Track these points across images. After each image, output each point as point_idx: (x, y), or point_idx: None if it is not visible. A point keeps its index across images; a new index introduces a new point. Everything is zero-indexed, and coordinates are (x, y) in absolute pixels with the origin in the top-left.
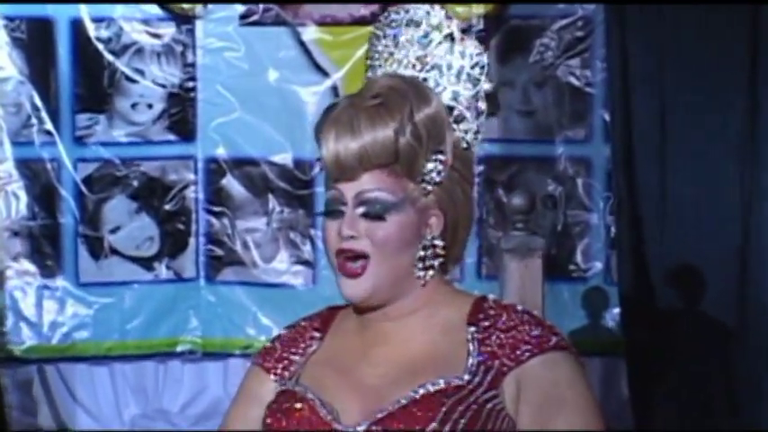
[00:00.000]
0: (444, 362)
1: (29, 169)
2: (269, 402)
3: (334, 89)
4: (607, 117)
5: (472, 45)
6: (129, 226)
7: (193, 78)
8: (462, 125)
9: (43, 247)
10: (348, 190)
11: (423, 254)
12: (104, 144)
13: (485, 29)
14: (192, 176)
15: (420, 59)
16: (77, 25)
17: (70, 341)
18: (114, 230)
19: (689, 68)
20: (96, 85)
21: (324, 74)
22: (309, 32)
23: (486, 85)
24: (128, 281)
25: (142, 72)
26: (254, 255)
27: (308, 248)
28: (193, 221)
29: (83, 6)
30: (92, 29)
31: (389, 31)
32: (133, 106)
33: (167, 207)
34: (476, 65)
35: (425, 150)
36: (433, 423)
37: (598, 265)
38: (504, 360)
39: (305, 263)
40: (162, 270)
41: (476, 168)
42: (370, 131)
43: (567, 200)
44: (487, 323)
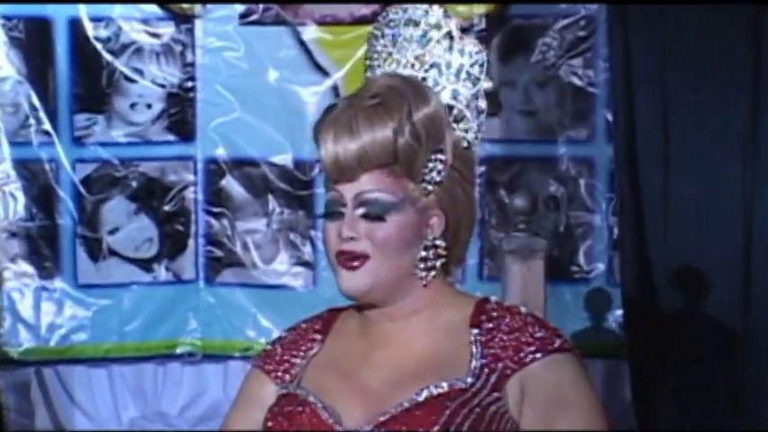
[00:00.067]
0: (447, 364)
1: (27, 170)
2: (270, 405)
3: (334, 89)
4: (610, 117)
5: (471, 43)
6: (128, 227)
7: (193, 78)
8: (462, 124)
9: (41, 248)
10: (347, 191)
11: (424, 254)
12: (103, 144)
13: (486, 28)
14: (192, 177)
15: (419, 58)
16: (76, 25)
17: (68, 343)
18: (113, 231)
19: (692, 68)
20: (95, 85)
21: (324, 74)
22: (310, 32)
23: (486, 84)
24: (126, 282)
25: (141, 72)
26: (253, 256)
27: (308, 250)
28: (193, 222)
29: (81, 6)
30: (90, 28)
31: (388, 31)
32: (132, 106)
33: (166, 208)
34: (475, 63)
35: (425, 150)
36: (437, 426)
37: (601, 267)
38: (508, 362)
39: (305, 264)
40: (161, 271)
41: (477, 169)
42: (369, 132)
43: (570, 201)
44: (490, 325)
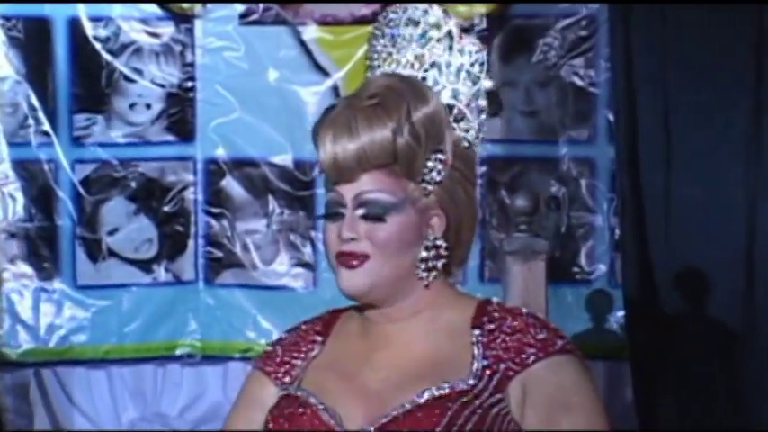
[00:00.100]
0: (448, 366)
1: (26, 170)
2: (271, 407)
3: (334, 89)
4: (611, 117)
5: (471, 42)
6: (128, 228)
7: (192, 78)
8: (463, 124)
9: (40, 249)
10: (347, 192)
11: (425, 255)
12: (102, 145)
13: (487, 28)
14: (191, 177)
15: (418, 58)
16: (75, 24)
17: (67, 344)
18: (112, 232)
19: (693, 68)
20: (94, 85)
21: (324, 74)
22: (310, 32)
23: (486, 83)
24: (126, 283)
25: (140, 72)
26: (253, 257)
27: (308, 251)
28: (192, 223)
29: (80, 5)
30: (89, 28)
31: (388, 31)
32: (131, 106)
33: (166, 209)
34: (475, 62)
35: (424, 150)
36: (438, 428)
37: (602, 268)
38: (510, 364)
39: (305, 265)
40: (160, 272)
41: (478, 169)
42: (368, 132)
43: (571, 201)
44: (492, 326)
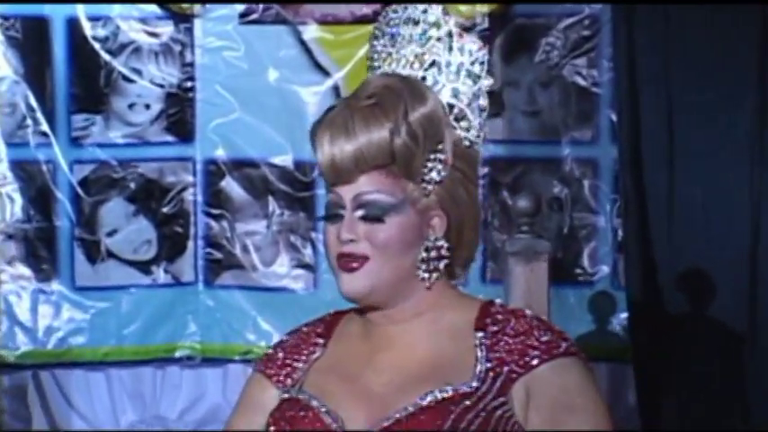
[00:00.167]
0: (451, 368)
1: (24, 171)
2: (272, 410)
3: (335, 89)
4: (614, 117)
5: (471, 41)
6: (127, 229)
7: (192, 78)
8: (463, 123)
9: (38, 250)
10: (346, 193)
11: (425, 255)
12: (101, 145)
13: (489, 28)
14: (191, 178)
15: (418, 57)
16: (73, 24)
17: (66, 346)
18: (111, 233)
19: (696, 68)
20: (93, 86)
21: (325, 73)
22: (310, 31)
23: (487, 82)
24: (125, 285)
25: (140, 72)
26: (253, 258)
27: (308, 252)
28: (192, 224)
29: (79, 5)
30: (88, 28)
31: (388, 30)
32: (130, 107)
33: (165, 210)
34: (475, 61)
35: (423, 150)
36: (441, 431)
37: (605, 269)
38: (513, 366)
39: (306, 266)
40: (160, 274)
41: (480, 169)
42: (365, 132)
43: (574, 202)
44: (495, 328)
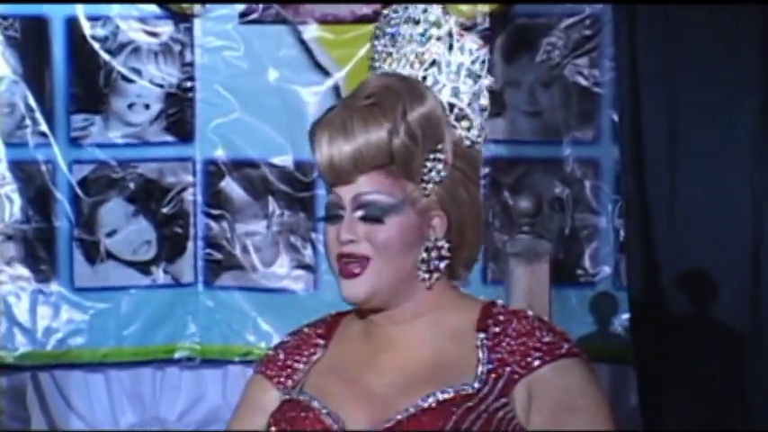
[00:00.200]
0: (453, 369)
1: (23, 171)
2: (272, 411)
3: (335, 89)
4: (615, 117)
5: (471, 40)
6: (126, 229)
7: (192, 78)
8: (464, 122)
9: (37, 251)
10: (345, 193)
11: (425, 256)
12: (100, 145)
13: (490, 27)
14: (191, 178)
15: (418, 57)
16: (73, 24)
17: (65, 347)
18: (110, 234)
19: (698, 68)
20: (92, 85)
21: (325, 73)
22: (310, 31)
23: (487, 81)
24: (124, 286)
25: (139, 72)
26: (253, 259)
27: (308, 252)
28: (191, 225)
29: (78, 5)
30: (87, 27)
31: (388, 30)
32: (130, 107)
33: (165, 210)
34: (476, 60)
35: (421, 150)
36: None
37: (606, 270)
38: (515, 367)
39: (306, 267)
40: (159, 275)
41: (481, 169)
42: (364, 133)
43: (575, 202)
44: (497, 329)
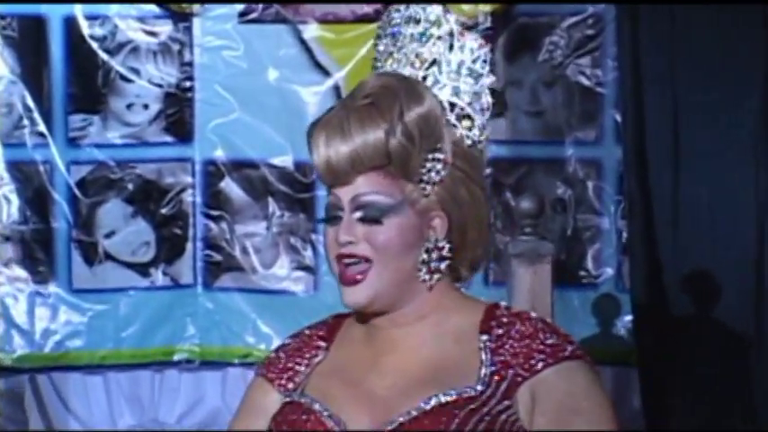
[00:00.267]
0: (456, 371)
1: (20, 172)
2: (274, 414)
3: (336, 89)
4: (618, 117)
5: (472, 39)
6: (125, 230)
7: (191, 78)
8: (465, 122)
9: (35, 252)
10: (344, 194)
11: (426, 257)
12: (99, 146)
13: (492, 27)
14: (190, 179)
15: (419, 56)
16: (71, 23)
17: (63, 349)
18: (109, 235)
19: (701, 67)
20: (90, 85)
21: (325, 73)
22: (310, 30)
23: (489, 80)
24: (123, 287)
25: (138, 71)
26: (253, 260)
27: (309, 254)
28: (191, 226)
29: (77, 4)
30: (86, 27)
31: (390, 30)
32: (128, 107)
33: (164, 211)
34: (477, 59)
35: (419, 150)
36: None
37: (609, 271)
38: (519, 370)
39: (306, 269)
40: (158, 276)
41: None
42: (361, 134)
43: (577, 203)
44: (500, 331)
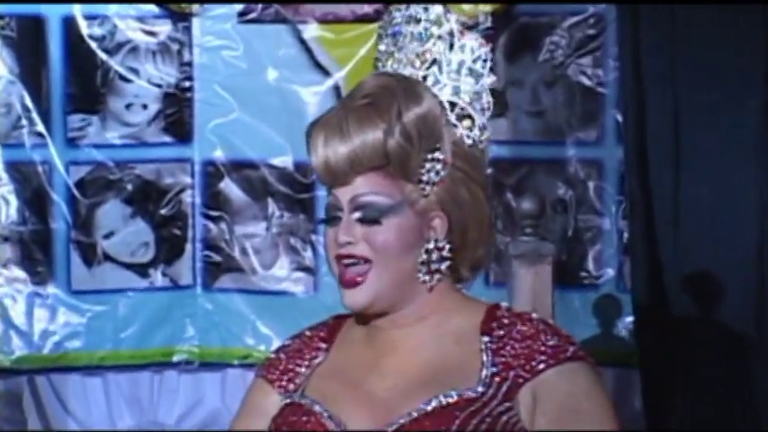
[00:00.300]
0: (457, 372)
1: (19, 172)
2: (274, 416)
3: (335, 89)
4: (619, 118)
5: (473, 39)
6: (124, 231)
7: (190, 78)
8: (465, 122)
9: (34, 253)
10: (343, 195)
11: (425, 257)
12: (97, 146)
13: (493, 27)
14: (189, 180)
15: (419, 56)
16: (69, 23)
17: (62, 351)
18: (108, 236)
19: (703, 67)
20: (89, 85)
21: (325, 73)
22: (310, 30)
23: (489, 80)
24: (122, 288)
25: (137, 71)
26: (252, 261)
27: (308, 254)
28: (190, 226)
29: (75, 4)
30: (84, 26)
31: (390, 30)
32: (127, 107)
33: (163, 211)
34: (477, 59)
35: (418, 150)
36: None
37: (610, 272)
38: (520, 371)
39: (306, 269)
40: (157, 277)
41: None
42: (359, 134)
43: (578, 204)
44: (501, 332)
